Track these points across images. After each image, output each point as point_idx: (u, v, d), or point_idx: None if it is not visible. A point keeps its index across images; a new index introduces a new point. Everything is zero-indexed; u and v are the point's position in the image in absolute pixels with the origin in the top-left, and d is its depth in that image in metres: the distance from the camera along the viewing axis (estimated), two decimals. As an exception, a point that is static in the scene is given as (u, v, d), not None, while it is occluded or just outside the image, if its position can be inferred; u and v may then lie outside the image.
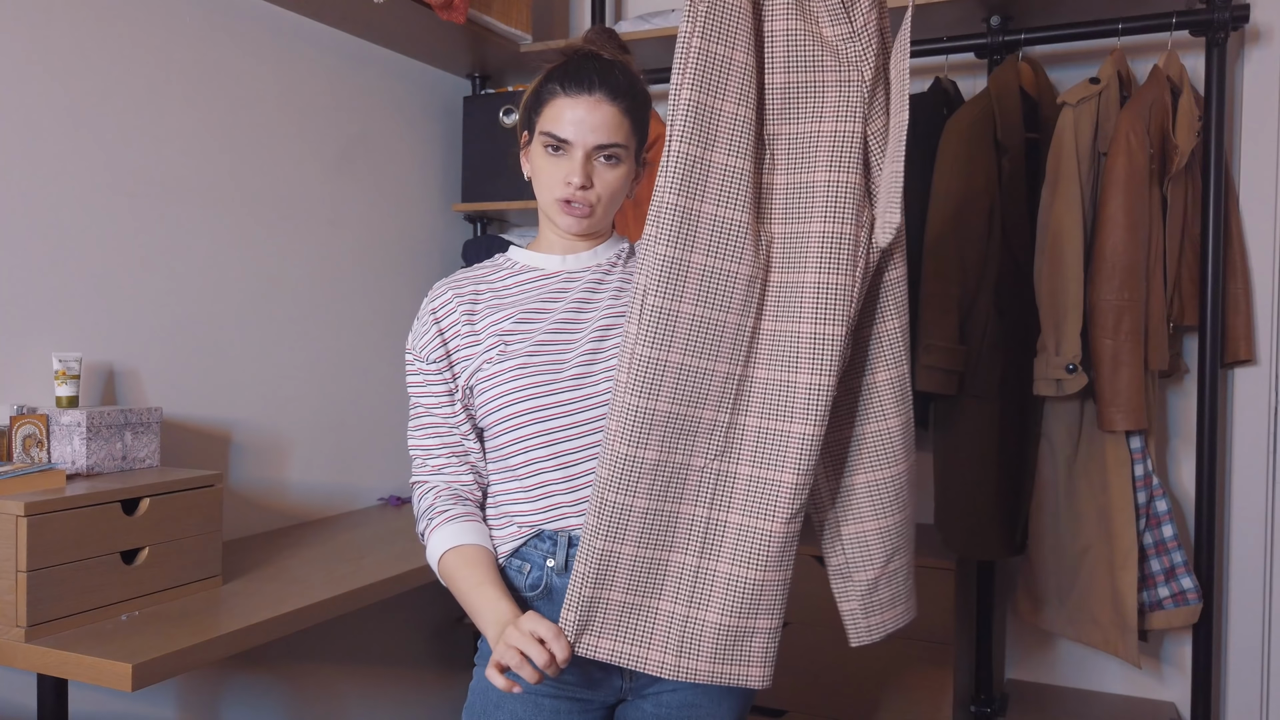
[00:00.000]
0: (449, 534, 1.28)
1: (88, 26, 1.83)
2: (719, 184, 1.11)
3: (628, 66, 1.30)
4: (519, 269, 1.35)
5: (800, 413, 1.12)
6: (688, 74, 1.10)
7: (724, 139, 1.11)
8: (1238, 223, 2.26)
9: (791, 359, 1.13)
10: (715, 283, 1.12)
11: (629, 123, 1.27)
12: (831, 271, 1.10)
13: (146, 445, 1.74)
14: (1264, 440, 2.28)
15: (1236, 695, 2.31)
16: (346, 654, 2.46)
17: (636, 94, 1.28)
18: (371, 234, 2.53)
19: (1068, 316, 2.07)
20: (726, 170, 1.11)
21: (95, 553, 1.50)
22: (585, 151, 1.25)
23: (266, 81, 2.20)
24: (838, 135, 1.09)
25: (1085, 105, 2.10)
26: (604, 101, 1.24)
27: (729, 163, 1.10)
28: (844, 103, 1.10)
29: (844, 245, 1.10)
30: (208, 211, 2.07)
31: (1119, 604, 2.09)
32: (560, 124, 1.25)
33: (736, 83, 1.11)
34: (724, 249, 1.11)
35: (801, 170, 1.11)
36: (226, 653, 1.48)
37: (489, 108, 2.71)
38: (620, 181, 1.28)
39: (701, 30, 1.10)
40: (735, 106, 1.11)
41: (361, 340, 2.49)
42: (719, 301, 1.12)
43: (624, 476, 1.14)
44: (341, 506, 2.42)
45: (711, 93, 1.11)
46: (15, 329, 1.72)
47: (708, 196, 1.11)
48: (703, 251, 1.11)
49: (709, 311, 1.12)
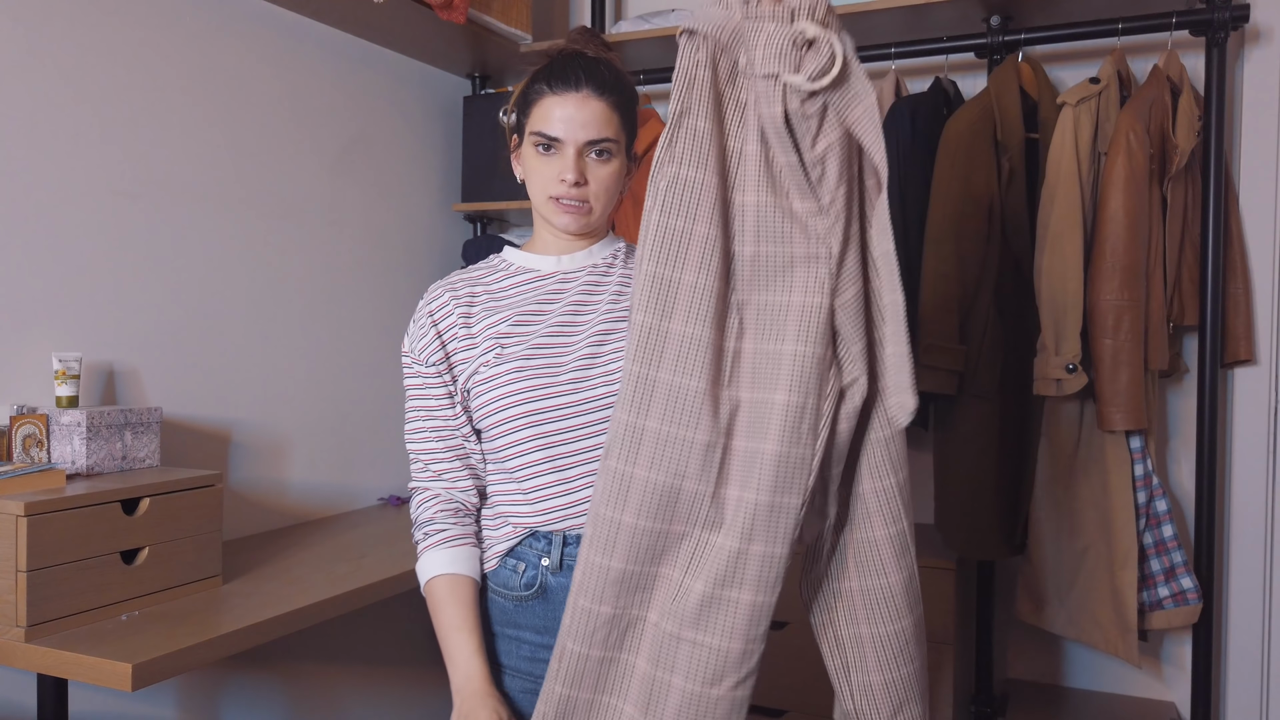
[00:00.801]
0: (442, 559, 1.29)
1: (88, 26, 1.83)
2: (676, 350, 1.12)
3: (613, 63, 1.30)
4: (514, 270, 1.35)
5: (751, 582, 1.12)
6: (647, 247, 1.12)
7: (683, 308, 1.12)
8: (1238, 223, 2.26)
9: (748, 528, 1.13)
10: (672, 449, 1.12)
11: (618, 117, 1.27)
12: (791, 443, 1.10)
13: (146, 445, 1.74)
14: (1264, 440, 2.28)
15: (1236, 695, 2.31)
16: (346, 654, 2.46)
17: (624, 88, 1.29)
18: (371, 234, 2.53)
19: (1068, 316, 2.07)
20: (684, 338, 1.12)
21: (95, 553, 1.50)
22: (576, 148, 1.25)
23: (267, 81, 2.20)
24: (805, 308, 1.09)
25: (1085, 105, 2.10)
26: (591, 97, 1.24)
27: (687, 331, 1.12)
28: (812, 276, 1.11)
29: (805, 416, 1.10)
30: (208, 211, 2.07)
31: (1119, 604, 2.09)
32: (549, 122, 1.25)
33: (697, 253, 1.12)
34: (679, 416, 1.12)
35: (770, 339, 1.12)
36: (226, 653, 1.48)
37: (489, 108, 2.71)
38: (614, 177, 1.28)
39: (661, 205, 1.12)
40: (695, 276, 1.12)
41: (361, 340, 2.49)
42: (675, 467, 1.12)
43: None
44: (341, 506, 2.42)
45: (671, 265, 1.12)
46: (15, 329, 1.72)
47: (664, 364, 1.12)
48: (657, 418, 1.12)
49: (667, 478, 1.12)
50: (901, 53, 2.35)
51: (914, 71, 2.58)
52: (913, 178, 2.21)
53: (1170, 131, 2.10)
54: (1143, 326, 2.06)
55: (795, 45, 1.05)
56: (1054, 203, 2.09)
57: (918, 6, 2.22)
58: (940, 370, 2.14)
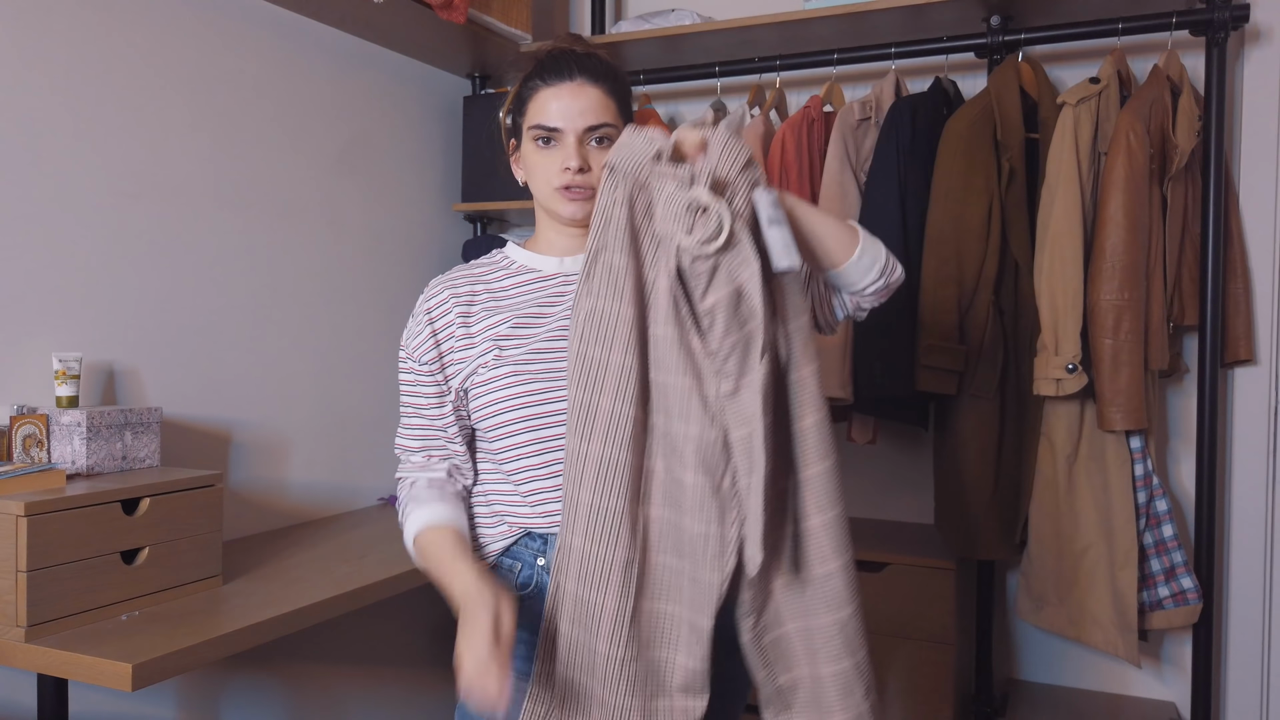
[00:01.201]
0: (421, 516, 1.30)
1: (87, 26, 1.83)
2: (594, 473, 1.18)
3: (602, 56, 1.31)
4: (516, 269, 1.35)
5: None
6: (569, 374, 1.19)
7: (600, 431, 1.17)
8: (1238, 223, 2.26)
9: (672, 638, 1.18)
10: (596, 566, 1.18)
11: (614, 103, 1.28)
12: (698, 566, 1.15)
13: (146, 445, 1.74)
14: (1264, 440, 2.28)
15: (1236, 695, 2.31)
16: (346, 654, 2.46)
17: (617, 76, 1.30)
18: (371, 234, 2.53)
19: (1068, 316, 2.06)
20: (602, 460, 1.17)
21: (95, 553, 1.50)
22: (576, 136, 1.25)
23: (267, 81, 2.20)
24: (701, 440, 1.13)
25: (1085, 105, 2.10)
26: (586, 84, 1.26)
27: (605, 453, 1.17)
28: (705, 410, 1.14)
29: (709, 543, 1.14)
30: (208, 211, 2.07)
31: (1119, 604, 2.09)
32: (547, 114, 1.26)
33: (614, 381, 1.17)
34: (601, 533, 1.18)
35: (677, 466, 1.17)
36: (226, 653, 1.47)
37: (489, 108, 2.71)
38: None
39: (580, 335, 1.18)
40: (612, 402, 1.17)
41: (361, 340, 2.49)
42: (596, 582, 1.17)
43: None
44: (341, 506, 2.42)
45: (591, 391, 1.17)
46: (15, 329, 1.72)
47: (584, 484, 1.18)
48: (581, 536, 1.18)
49: (589, 592, 1.18)
50: (901, 53, 2.35)
51: (914, 71, 2.58)
52: (913, 178, 2.21)
53: (1170, 131, 2.10)
54: (1143, 326, 2.06)
55: (690, 209, 1.11)
56: (1054, 203, 2.09)
57: (918, 6, 2.22)
58: (940, 370, 2.14)
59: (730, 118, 1.20)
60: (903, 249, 2.20)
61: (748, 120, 2.45)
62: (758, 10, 2.69)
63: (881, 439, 2.62)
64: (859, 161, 2.33)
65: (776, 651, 1.24)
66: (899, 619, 2.23)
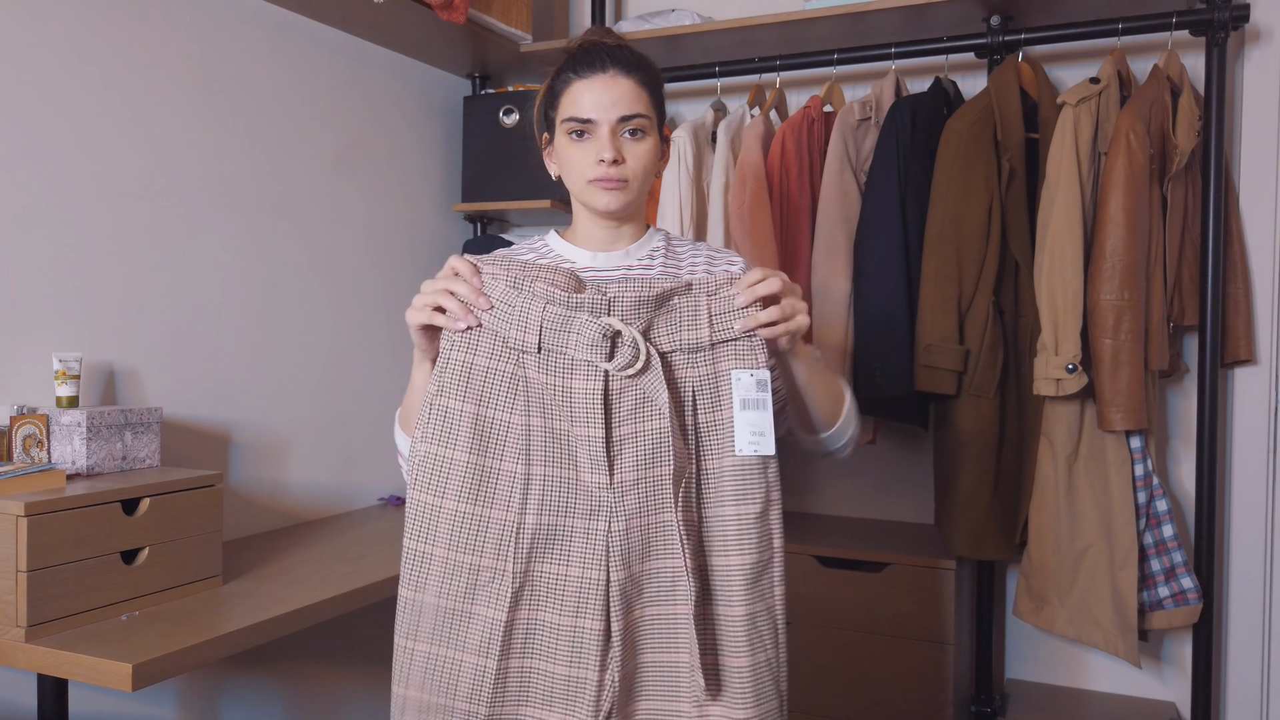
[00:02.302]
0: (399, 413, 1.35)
1: (87, 26, 1.83)
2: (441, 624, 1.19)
3: (632, 49, 1.31)
4: (552, 259, 1.36)
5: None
6: (406, 522, 1.19)
7: (435, 583, 1.17)
8: (1238, 223, 2.26)
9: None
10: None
11: (647, 94, 1.28)
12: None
13: (146, 445, 1.74)
14: (1264, 440, 2.28)
15: (1236, 695, 2.31)
16: (346, 654, 2.46)
17: (648, 67, 1.30)
18: (371, 234, 2.53)
19: (1068, 316, 2.06)
20: (439, 607, 1.17)
21: (95, 553, 1.50)
22: (610, 126, 1.25)
23: (267, 82, 2.20)
24: (584, 581, 1.14)
25: (1085, 105, 2.10)
26: (619, 75, 1.26)
27: (443, 589, 1.18)
28: (590, 548, 1.15)
29: (587, 688, 1.14)
30: (208, 211, 2.07)
31: (1119, 604, 2.09)
32: (580, 106, 1.26)
33: (446, 526, 1.17)
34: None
35: (553, 611, 1.17)
36: (226, 653, 1.48)
37: (489, 108, 2.71)
38: (649, 155, 1.28)
39: (413, 482, 1.18)
40: (446, 551, 1.17)
41: (361, 340, 2.49)
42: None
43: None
44: (341, 506, 2.42)
45: (425, 540, 1.17)
46: (15, 329, 1.72)
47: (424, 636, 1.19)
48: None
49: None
50: (901, 53, 2.35)
51: (914, 71, 2.58)
52: (913, 178, 2.21)
53: (1170, 131, 2.10)
54: (1143, 326, 2.06)
55: (605, 336, 1.13)
56: (1054, 203, 2.09)
57: (918, 6, 2.22)
58: (940, 370, 2.14)
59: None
60: (903, 249, 2.20)
61: (748, 120, 2.45)
62: (758, 10, 2.69)
63: (881, 439, 2.62)
64: (859, 161, 2.33)
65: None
66: (899, 619, 2.23)
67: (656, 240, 1.37)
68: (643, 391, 1.15)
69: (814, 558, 2.31)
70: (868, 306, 2.22)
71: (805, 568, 2.31)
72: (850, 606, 2.28)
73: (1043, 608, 2.21)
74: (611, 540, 1.14)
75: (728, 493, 1.16)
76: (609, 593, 1.14)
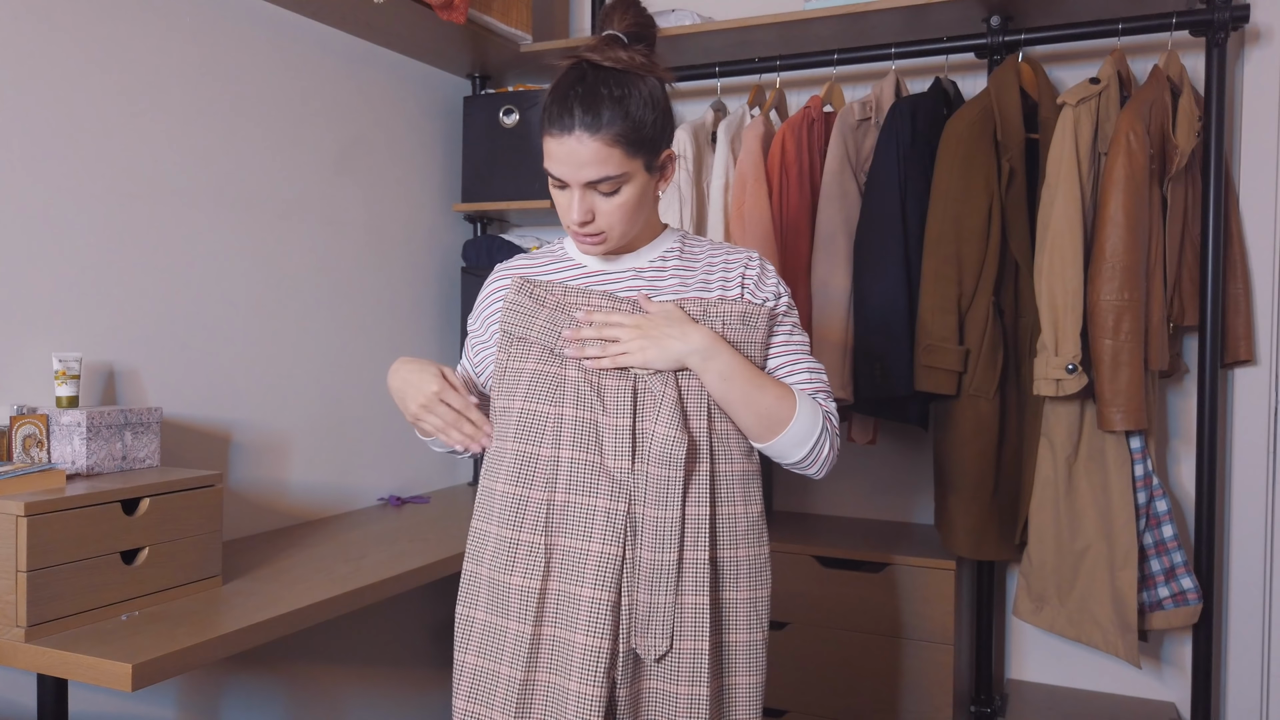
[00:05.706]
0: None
1: (87, 26, 1.83)
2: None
3: (627, 72, 1.24)
4: (564, 262, 1.39)
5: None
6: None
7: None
8: (1238, 223, 2.26)
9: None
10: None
11: (619, 149, 1.21)
12: (587, 684, 1.25)
13: (146, 445, 1.74)
14: (1264, 440, 2.28)
15: (1236, 695, 2.31)
16: (346, 654, 2.46)
17: (624, 117, 1.21)
18: (371, 234, 2.53)
19: (1068, 316, 2.06)
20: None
21: (95, 553, 1.50)
22: (579, 187, 1.24)
23: (267, 82, 2.20)
24: (603, 555, 1.26)
25: (1085, 105, 2.10)
26: (585, 137, 1.20)
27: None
28: (610, 526, 1.27)
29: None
30: (208, 211, 2.07)
31: (1119, 604, 2.09)
32: (552, 162, 1.25)
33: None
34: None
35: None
36: (226, 653, 1.48)
37: (489, 108, 2.71)
38: (627, 206, 1.26)
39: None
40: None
41: (361, 340, 2.49)
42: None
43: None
44: (341, 506, 2.42)
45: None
46: (15, 329, 1.72)
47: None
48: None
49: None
50: (901, 53, 2.35)
51: (914, 71, 2.58)
52: (913, 178, 2.21)
53: (1170, 132, 2.10)
54: (1143, 326, 2.06)
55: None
56: (1054, 203, 2.09)
57: (918, 6, 2.22)
58: (940, 370, 2.14)
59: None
60: (903, 249, 2.20)
61: (748, 120, 2.45)
62: (758, 10, 2.69)
63: (881, 439, 2.62)
64: (859, 162, 2.33)
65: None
66: (899, 619, 2.23)
67: (671, 240, 1.38)
68: (659, 393, 1.28)
69: (814, 558, 2.31)
70: (868, 307, 2.22)
71: (805, 568, 2.31)
72: (850, 606, 2.28)
73: (1043, 608, 2.21)
74: (629, 521, 1.26)
75: (738, 493, 1.32)
76: (622, 569, 1.26)
